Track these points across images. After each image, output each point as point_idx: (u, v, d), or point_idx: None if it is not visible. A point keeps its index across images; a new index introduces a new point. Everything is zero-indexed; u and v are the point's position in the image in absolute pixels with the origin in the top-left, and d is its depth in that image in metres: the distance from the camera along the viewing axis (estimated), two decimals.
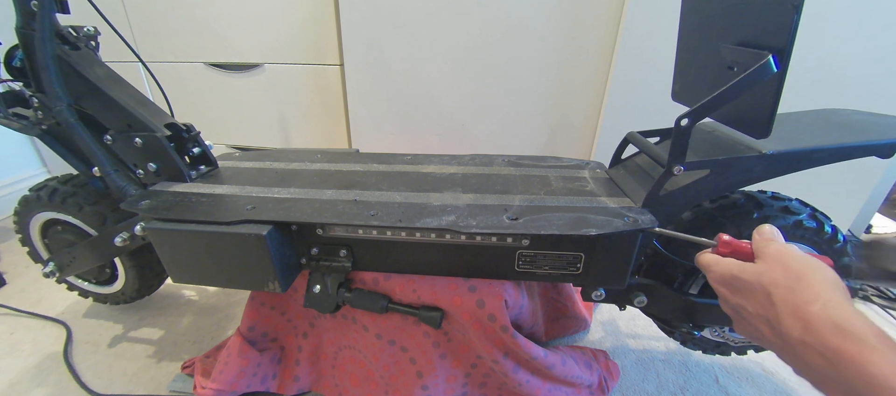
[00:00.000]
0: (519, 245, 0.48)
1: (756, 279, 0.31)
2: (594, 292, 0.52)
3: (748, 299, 0.32)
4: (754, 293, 0.31)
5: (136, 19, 1.06)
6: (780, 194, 0.53)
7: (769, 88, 0.38)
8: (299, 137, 1.13)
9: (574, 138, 0.99)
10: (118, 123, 0.57)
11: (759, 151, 0.44)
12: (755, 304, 0.31)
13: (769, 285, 0.30)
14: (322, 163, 0.66)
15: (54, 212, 0.68)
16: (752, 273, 0.32)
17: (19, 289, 0.89)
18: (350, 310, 0.56)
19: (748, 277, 0.32)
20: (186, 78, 1.11)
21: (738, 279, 0.33)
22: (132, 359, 0.70)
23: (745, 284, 0.32)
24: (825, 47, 0.77)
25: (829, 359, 0.25)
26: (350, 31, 0.95)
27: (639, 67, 0.85)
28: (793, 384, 0.68)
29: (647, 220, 0.45)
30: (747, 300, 0.32)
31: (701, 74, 0.49)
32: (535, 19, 0.87)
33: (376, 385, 0.57)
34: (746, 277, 0.32)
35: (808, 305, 0.27)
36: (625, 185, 0.55)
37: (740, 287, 0.32)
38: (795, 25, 0.35)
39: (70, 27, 0.57)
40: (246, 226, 0.46)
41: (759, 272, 0.31)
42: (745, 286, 0.32)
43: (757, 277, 0.31)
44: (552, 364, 0.55)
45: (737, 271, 0.33)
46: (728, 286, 0.34)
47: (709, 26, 0.47)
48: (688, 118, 0.41)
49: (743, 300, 0.32)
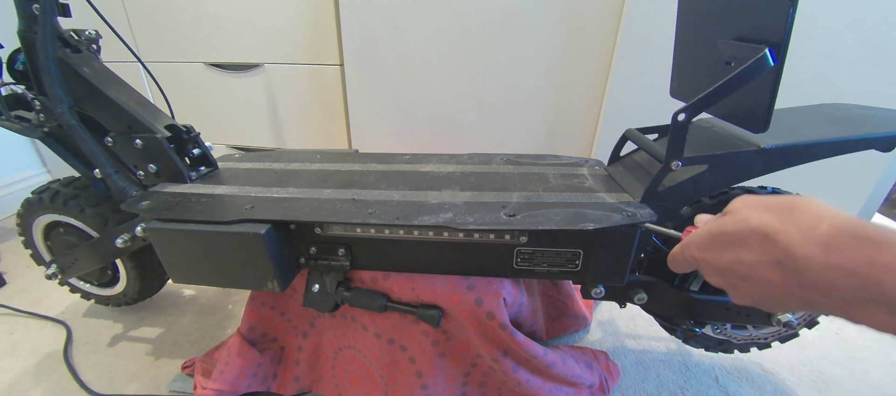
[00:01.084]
0: (517, 242, 0.47)
1: (743, 227, 0.28)
2: (594, 289, 0.51)
3: (742, 250, 0.28)
4: (746, 241, 0.28)
5: (137, 19, 1.07)
6: (779, 190, 0.52)
7: (766, 82, 0.38)
8: (299, 137, 1.14)
9: (574, 137, 0.99)
10: (119, 124, 0.58)
11: (758, 145, 0.44)
12: (753, 252, 0.27)
13: (761, 226, 0.27)
14: (321, 163, 0.66)
15: (56, 214, 0.68)
16: (734, 223, 0.29)
17: (19, 289, 0.89)
18: (349, 309, 0.56)
19: (732, 227, 0.29)
20: (186, 78, 1.11)
21: (722, 233, 0.29)
22: (132, 359, 0.70)
23: (732, 235, 0.29)
24: (823, 40, 0.77)
25: (861, 275, 0.22)
26: (350, 31, 0.95)
27: (639, 65, 0.85)
28: (793, 384, 0.67)
29: (645, 214, 0.45)
30: (741, 251, 0.28)
31: (698, 70, 0.49)
32: (535, 18, 0.87)
33: (376, 385, 0.57)
34: (730, 228, 0.29)
35: (815, 229, 0.24)
36: (623, 181, 0.54)
37: (728, 242, 0.29)
38: (792, 19, 0.35)
39: (71, 30, 0.58)
40: (244, 225, 0.46)
41: (740, 220, 0.28)
42: (733, 239, 0.29)
43: (741, 224, 0.28)
44: (552, 362, 0.54)
45: (714, 228, 0.30)
46: (713, 248, 0.30)
47: (706, 21, 0.47)
48: (685, 113, 0.41)
49: (736, 254, 0.28)
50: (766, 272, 0.26)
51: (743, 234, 0.28)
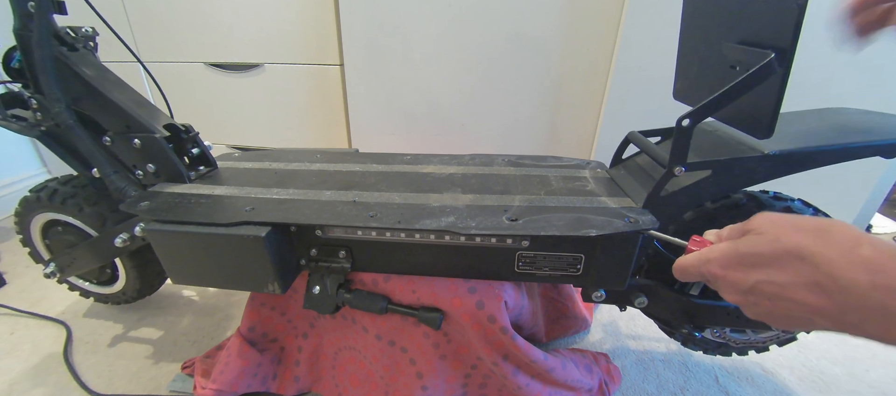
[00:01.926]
0: (519, 246, 0.47)
1: (776, 247, 0.27)
2: (594, 293, 0.51)
3: (773, 270, 0.27)
4: (779, 262, 0.26)
5: (136, 19, 1.06)
6: (782, 195, 0.52)
7: (772, 88, 0.38)
8: (299, 137, 1.13)
9: (574, 138, 0.99)
10: (117, 124, 0.57)
11: (762, 151, 0.44)
12: (786, 273, 0.26)
13: (796, 248, 0.26)
14: (322, 163, 0.65)
15: (55, 213, 0.68)
16: (765, 243, 0.27)
17: (19, 289, 0.89)
18: (350, 311, 0.55)
19: (763, 247, 0.27)
20: (186, 78, 1.11)
21: (752, 254, 0.28)
22: (132, 359, 0.70)
23: (764, 255, 0.27)
24: (828, 45, 0.76)
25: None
26: (350, 32, 0.95)
27: (639, 66, 0.84)
28: (793, 384, 0.68)
29: (647, 220, 0.45)
30: (772, 271, 0.27)
31: (703, 73, 0.49)
32: (535, 18, 0.87)
33: (376, 386, 0.57)
34: (761, 248, 0.28)
35: (856, 250, 0.24)
36: (626, 185, 0.54)
37: (758, 262, 0.28)
38: (799, 24, 0.35)
39: (68, 28, 0.57)
40: (245, 228, 0.46)
41: (771, 241, 0.27)
42: (764, 259, 0.27)
43: (774, 245, 0.27)
44: (552, 367, 0.54)
45: (743, 248, 0.29)
46: (739, 267, 0.29)
47: (711, 24, 0.46)
48: (689, 119, 0.41)
49: (766, 274, 0.27)
50: (801, 293, 0.26)
51: (776, 254, 0.27)
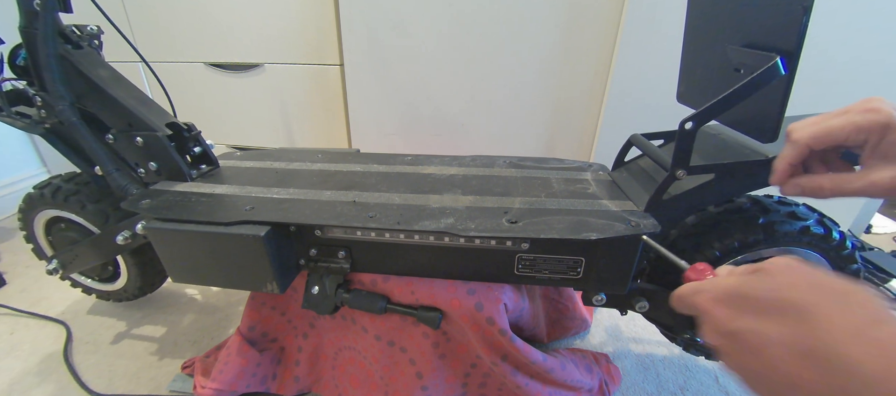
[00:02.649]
0: (518, 249, 0.47)
1: (777, 296, 0.23)
2: (595, 296, 0.51)
3: (765, 320, 0.22)
4: (775, 312, 0.22)
5: (137, 19, 1.07)
6: (786, 199, 0.52)
7: (777, 91, 0.37)
8: (299, 136, 1.13)
9: (574, 139, 0.99)
10: (119, 122, 0.57)
11: (766, 155, 0.43)
12: (777, 327, 0.22)
13: (801, 302, 0.22)
14: (322, 163, 0.65)
15: (58, 210, 0.68)
16: (767, 289, 0.23)
17: (19, 289, 0.89)
18: (349, 311, 0.55)
19: (762, 292, 0.23)
20: (186, 78, 1.11)
21: (750, 296, 0.24)
22: (132, 359, 0.70)
23: (760, 301, 0.23)
24: (834, 48, 0.76)
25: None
26: (350, 31, 0.95)
27: (638, 67, 0.84)
28: None
29: (649, 224, 0.44)
30: (763, 321, 0.22)
31: (707, 76, 0.49)
32: (535, 19, 0.87)
33: (376, 386, 0.57)
34: (760, 292, 0.23)
35: (873, 327, 0.20)
36: (627, 188, 0.54)
37: (751, 306, 0.24)
38: (805, 27, 0.34)
39: (73, 26, 0.57)
40: (244, 227, 0.46)
41: (775, 288, 0.23)
42: (758, 305, 0.23)
43: (776, 293, 0.23)
44: (551, 368, 0.54)
45: (743, 287, 0.25)
46: (729, 306, 0.25)
47: (715, 27, 0.46)
48: (692, 122, 0.40)
49: (756, 322, 0.23)
50: (786, 357, 0.21)
51: (776, 303, 0.23)
